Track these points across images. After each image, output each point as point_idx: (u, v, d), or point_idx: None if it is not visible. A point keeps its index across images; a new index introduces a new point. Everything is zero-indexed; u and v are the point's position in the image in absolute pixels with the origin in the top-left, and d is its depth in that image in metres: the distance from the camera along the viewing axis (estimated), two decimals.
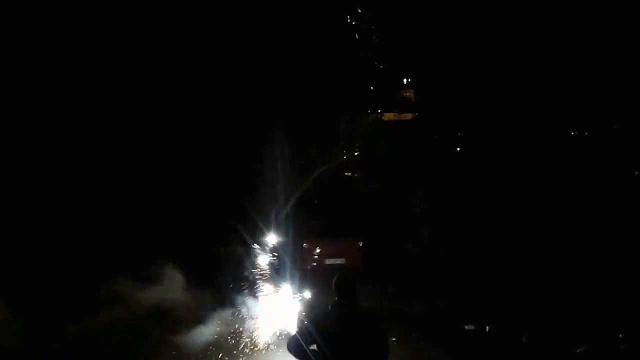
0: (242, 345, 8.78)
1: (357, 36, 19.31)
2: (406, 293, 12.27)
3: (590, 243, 13.21)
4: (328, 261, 12.54)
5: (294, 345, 4.77)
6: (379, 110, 19.97)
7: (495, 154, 17.47)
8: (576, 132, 17.77)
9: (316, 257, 12.01)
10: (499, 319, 10.09)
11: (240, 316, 9.21)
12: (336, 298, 4.88)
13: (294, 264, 9.91)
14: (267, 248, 9.63)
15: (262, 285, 8.98)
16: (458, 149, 18.65)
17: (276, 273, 9.26)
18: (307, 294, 9.16)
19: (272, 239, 10.12)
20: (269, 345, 8.75)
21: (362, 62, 19.09)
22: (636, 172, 16.17)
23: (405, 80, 20.68)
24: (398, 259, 14.59)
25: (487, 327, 10.19)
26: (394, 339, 9.15)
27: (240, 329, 9.17)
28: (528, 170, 16.46)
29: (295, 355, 4.80)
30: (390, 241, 15.24)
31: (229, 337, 9.04)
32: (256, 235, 10.34)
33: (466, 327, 10.13)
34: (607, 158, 16.72)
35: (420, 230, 15.51)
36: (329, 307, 4.92)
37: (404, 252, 15.30)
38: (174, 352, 8.66)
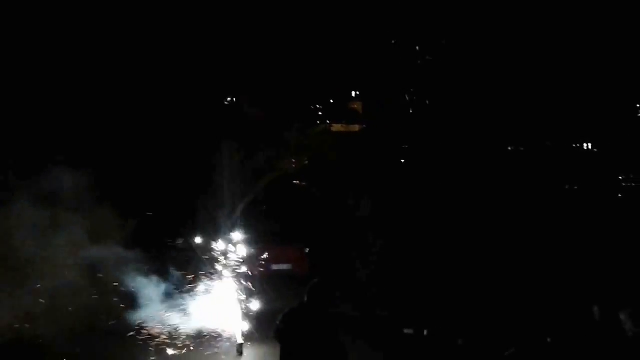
0: (159, 340, 8.86)
1: (308, 48, 19.68)
2: (349, 298, 12.59)
3: (523, 249, 13.89)
4: (275, 267, 12.75)
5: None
6: (328, 121, 20.46)
7: (435, 166, 18.09)
8: (513, 148, 18.67)
9: (263, 262, 12.23)
10: (437, 323, 10.50)
11: (170, 312, 9.24)
12: (305, 301, 5.12)
13: (243, 268, 10.08)
14: (217, 249, 9.79)
15: (207, 285, 9.14)
16: (402, 160, 19.31)
17: (224, 275, 9.44)
18: (252, 298, 9.36)
19: (223, 241, 10.29)
20: (189, 345, 8.88)
21: (312, 75, 19.50)
22: (567, 186, 17.12)
23: (353, 93, 21.28)
24: (342, 265, 14.91)
25: (425, 331, 10.60)
26: None
27: (165, 324, 9.23)
28: (466, 180, 17.12)
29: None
30: (335, 247, 15.55)
31: (149, 333, 9.07)
32: (206, 234, 10.49)
33: (405, 331, 10.50)
34: (541, 171, 17.60)
35: (364, 236, 15.90)
36: (295, 310, 5.17)
37: (348, 258, 15.64)
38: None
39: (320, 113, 20.00)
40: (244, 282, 9.49)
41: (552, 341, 10.00)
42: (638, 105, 16.62)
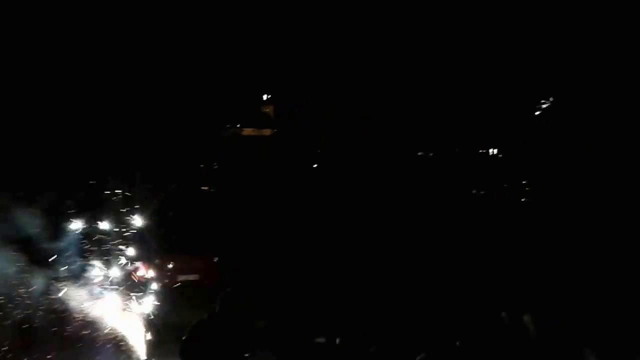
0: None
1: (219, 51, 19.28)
2: (262, 307, 12.29)
3: (433, 253, 14.07)
4: (181, 277, 12.24)
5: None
6: (238, 125, 20.04)
7: (348, 170, 18.16)
8: (423, 153, 19.04)
9: (169, 272, 11.70)
10: (350, 330, 10.40)
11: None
12: (215, 313, 4.83)
13: (147, 278, 9.55)
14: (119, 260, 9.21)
15: (107, 291, 8.56)
16: (315, 165, 19.25)
17: (126, 285, 8.88)
18: (157, 309, 8.88)
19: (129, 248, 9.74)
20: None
21: (222, 79, 19.11)
22: (474, 191, 17.55)
23: (265, 97, 21.00)
24: (253, 273, 14.55)
25: (337, 340, 10.46)
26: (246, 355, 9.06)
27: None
28: (378, 184, 17.26)
29: None
30: (247, 255, 15.20)
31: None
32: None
33: (317, 340, 10.32)
34: (449, 176, 17.98)
35: (278, 242, 15.65)
36: (204, 322, 4.85)
37: (259, 266, 15.30)
38: None
39: (230, 117, 19.63)
40: (148, 293, 9.00)
41: (461, 345, 10.15)
42: (537, 113, 17.34)
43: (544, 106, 17.25)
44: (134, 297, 8.62)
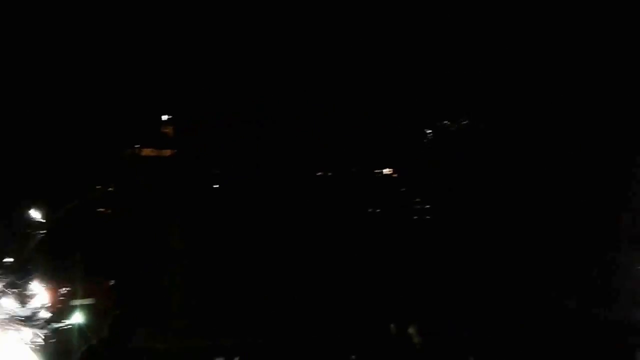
0: None
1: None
2: (160, 329, 12.11)
3: (330, 270, 14.40)
4: (76, 302, 11.88)
5: None
6: (137, 146, 19.72)
7: (248, 189, 18.24)
8: (322, 173, 19.47)
9: (62, 297, 11.34)
10: (247, 350, 10.52)
11: None
12: (104, 337, 4.82)
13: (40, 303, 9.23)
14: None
15: None
16: (216, 185, 19.23)
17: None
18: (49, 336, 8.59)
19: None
20: None
21: (121, 98, 18.72)
22: (369, 209, 18.10)
23: (165, 117, 20.79)
24: (152, 296, 14.32)
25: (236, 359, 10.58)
26: None
27: None
28: (279, 203, 17.43)
29: None
30: (145, 278, 14.90)
31: None
32: None
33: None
34: (347, 195, 18.47)
35: (176, 265, 15.47)
36: (94, 347, 4.84)
37: (158, 288, 15.08)
38: None
39: (129, 137, 19.29)
40: (40, 320, 8.71)
41: (356, 358, 10.55)
42: (428, 132, 18.19)
43: (429, 132, 18.13)
44: (25, 326, 8.34)
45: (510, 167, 16.49)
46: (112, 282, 13.05)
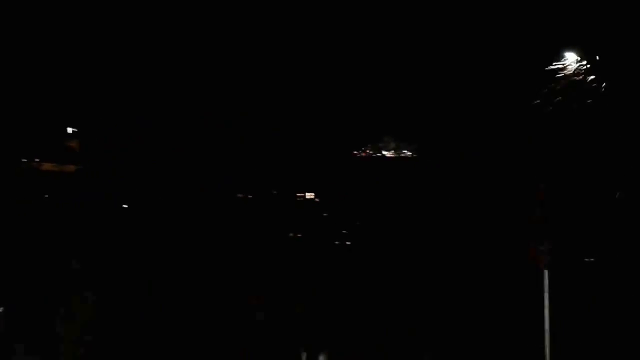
0: None
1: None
2: None
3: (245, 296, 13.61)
4: None
5: None
6: (37, 160, 18.17)
7: (158, 212, 17.30)
8: (242, 195, 18.65)
9: None
10: None
11: None
12: None
13: None
14: None
15: None
16: (125, 205, 17.93)
17: None
18: None
19: None
20: None
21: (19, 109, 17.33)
22: (291, 234, 17.40)
23: (70, 130, 19.30)
24: (45, 325, 13.14)
25: None
26: None
27: None
28: (196, 228, 16.63)
29: None
30: (40, 306, 13.69)
31: None
32: None
33: None
34: (268, 218, 17.73)
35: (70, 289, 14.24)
36: None
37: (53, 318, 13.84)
38: None
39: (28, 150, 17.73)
40: None
41: None
42: (356, 152, 17.83)
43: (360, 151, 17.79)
44: None
45: (433, 193, 16.43)
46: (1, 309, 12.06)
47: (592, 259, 14.48)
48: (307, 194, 17.92)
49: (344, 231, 17.36)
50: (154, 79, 17.69)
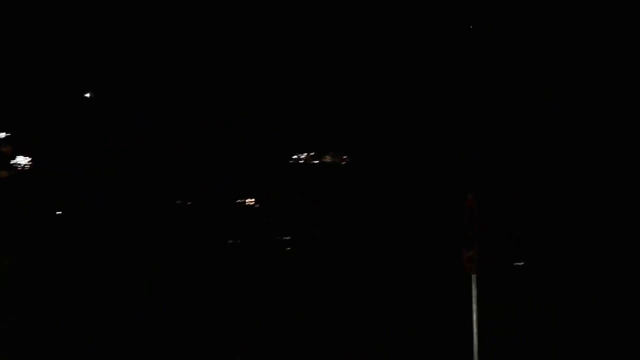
0: None
1: None
2: None
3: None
4: None
5: None
6: None
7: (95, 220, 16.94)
8: (181, 201, 18.43)
9: None
10: None
11: None
12: None
13: None
14: None
15: None
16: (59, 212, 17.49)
17: None
18: None
19: None
20: None
21: None
22: (230, 241, 17.27)
23: (2, 134, 18.72)
24: None
25: None
26: None
27: None
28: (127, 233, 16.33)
29: None
30: None
31: None
32: None
33: None
34: (208, 225, 17.56)
35: None
36: None
37: None
38: None
39: None
40: None
41: None
42: (295, 157, 17.88)
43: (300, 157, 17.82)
44: None
45: (369, 198, 16.60)
46: None
47: (521, 263, 14.93)
48: (247, 200, 17.88)
49: (284, 237, 17.39)
50: (85, 81, 17.33)
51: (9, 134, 17.66)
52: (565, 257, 14.92)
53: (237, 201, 17.99)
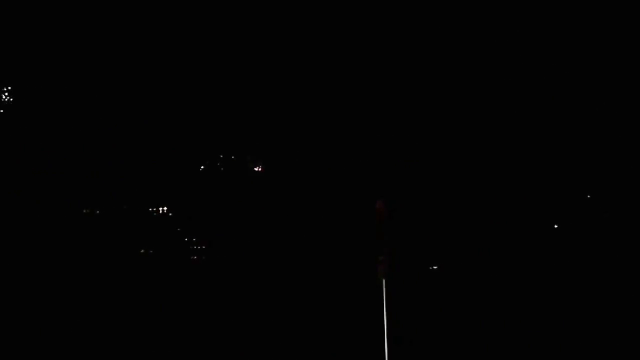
0: None
1: None
2: None
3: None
4: None
5: None
6: None
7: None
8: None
9: None
10: None
11: None
12: None
13: None
14: None
15: None
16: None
17: None
18: None
19: None
20: None
21: None
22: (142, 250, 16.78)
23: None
24: None
25: None
26: None
27: None
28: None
29: None
30: None
31: None
32: None
33: None
34: (117, 234, 16.99)
35: None
36: None
37: None
38: None
39: None
40: None
41: None
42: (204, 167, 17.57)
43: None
44: None
45: (284, 205, 16.51)
46: None
47: (434, 267, 15.21)
48: (160, 207, 17.38)
49: (198, 246, 17.04)
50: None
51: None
52: (478, 260, 15.31)
53: (150, 209, 17.49)
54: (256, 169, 16.93)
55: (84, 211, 16.95)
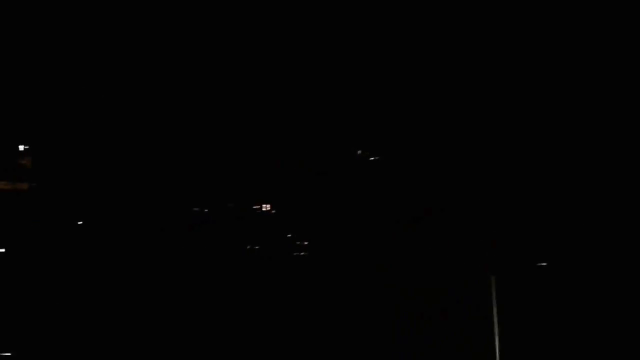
0: None
1: None
2: None
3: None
4: None
5: None
6: None
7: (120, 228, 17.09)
8: (199, 209, 18.51)
9: None
10: None
11: None
12: None
13: None
14: None
15: None
16: (80, 222, 17.69)
17: None
18: None
19: None
20: None
21: None
22: (248, 246, 17.31)
23: (22, 147, 19.00)
24: None
25: None
26: None
27: None
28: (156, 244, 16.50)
29: None
30: None
31: None
32: None
33: None
34: (224, 232, 17.65)
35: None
36: None
37: None
38: None
39: None
40: None
41: None
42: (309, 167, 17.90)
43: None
44: None
45: (386, 204, 16.54)
46: None
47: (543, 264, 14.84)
48: (264, 205, 17.93)
49: (300, 243, 17.40)
50: (102, 97, 17.47)
51: (27, 147, 17.88)
52: (588, 257, 14.80)
53: (254, 207, 18.05)
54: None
55: (194, 209, 17.78)
